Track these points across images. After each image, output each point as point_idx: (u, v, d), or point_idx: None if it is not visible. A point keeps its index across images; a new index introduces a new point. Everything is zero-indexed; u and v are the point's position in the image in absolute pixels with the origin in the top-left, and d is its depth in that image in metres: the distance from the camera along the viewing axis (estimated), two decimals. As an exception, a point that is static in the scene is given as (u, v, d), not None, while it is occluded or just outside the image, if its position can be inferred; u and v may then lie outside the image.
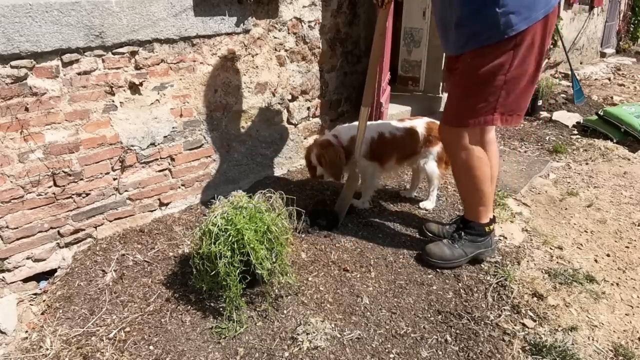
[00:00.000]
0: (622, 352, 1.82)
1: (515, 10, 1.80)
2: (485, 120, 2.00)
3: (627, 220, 2.82)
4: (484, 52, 1.90)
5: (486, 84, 1.93)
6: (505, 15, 1.81)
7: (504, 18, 1.81)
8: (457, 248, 2.21)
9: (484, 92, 1.95)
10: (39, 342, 1.81)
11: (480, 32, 1.88)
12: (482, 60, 1.91)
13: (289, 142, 3.14)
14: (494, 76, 1.91)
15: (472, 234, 2.22)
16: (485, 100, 1.96)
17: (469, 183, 2.14)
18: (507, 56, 1.88)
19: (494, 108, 1.97)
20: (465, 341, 1.82)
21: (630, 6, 9.84)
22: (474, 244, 2.22)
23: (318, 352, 1.74)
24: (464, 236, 2.22)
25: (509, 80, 1.91)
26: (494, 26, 1.84)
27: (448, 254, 2.20)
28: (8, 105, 1.91)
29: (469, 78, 1.97)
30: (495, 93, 1.94)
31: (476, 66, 1.93)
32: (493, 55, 1.89)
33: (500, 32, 1.84)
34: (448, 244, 2.23)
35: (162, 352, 1.74)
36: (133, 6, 2.15)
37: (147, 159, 2.42)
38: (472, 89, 1.97)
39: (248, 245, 1.78)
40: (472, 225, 2.22)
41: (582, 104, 5.23)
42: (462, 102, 2.04)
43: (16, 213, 2.04)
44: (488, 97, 1.95)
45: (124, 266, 2.18)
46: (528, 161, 3.60)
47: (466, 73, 1.98)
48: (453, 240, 2.23)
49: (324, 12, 3.04)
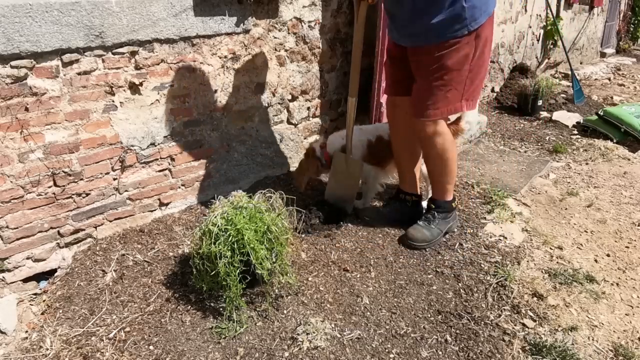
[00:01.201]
0: (622, 352, 1.82)
1: (477, 4, 1.97)
2: (455, 108, 2.19)
3: (627, 220, 2.82)
4: (451, 44, 2.03)
5: (455, 74, 2.09)
6: (471, 9, 1.96)
7: (469, 12, 1.96)
8: (433, 228, 2.38)
9: (453, 82, 2.10)
10: (39, 342, 1.81)
11: (448, 25, 2.00)
12: (449, 52, 2.04)
13: (289, 142, 3.14)
14: (461, 66, 2.07)
15: (443, 211, 2.42)
16: (455, 90, 2.12)
17: (443, 165, 2.33)
18: (470, 47, 2.04)
19: (462, 96, 2.16)
20: (465, 341, 1.82)
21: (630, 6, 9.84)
22: (445, 220, 2.42)
23: (318, 352, 1.74)
24: (437, 215, 2.40)
25: (472, 69, 2.10)
26: (460, 20, 1.98)
27: (428, 235, 2.36)
28: (8, 105, 1.91)
29: (437, 70, 2.10)
30: (462, 82, 2.11)
31: (443, 58, 2.06)
32: (459, 47, 2.03)
33: (465, 26, 1.99)
34: (425, 225, 2.38)
35: (162, 352, 1.74)
36: (133, 6, 2.15)
37: (147, 159, 2.42)
38: (444, 79, 2.11)
39: (248, 245, 1.78)
40: (441, 203, 2.42)
41: (582, 104, 5.24)
42: (432, 92, 2.15)
43: (16, 213, 2.04)
44: (457, 86, 2.12)
45: (124, 266, 2.18)
46: (528, 161, 3.60)
47: (433, 65, 2.10)
48: (428, 222, 2.39)
49: (324, 12, 3.04)
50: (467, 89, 2.14)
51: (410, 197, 2.59)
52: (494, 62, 5.26)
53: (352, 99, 2.48)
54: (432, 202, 2.46)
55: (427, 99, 2.17)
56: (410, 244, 2.35)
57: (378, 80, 3.22)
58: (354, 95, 2.47)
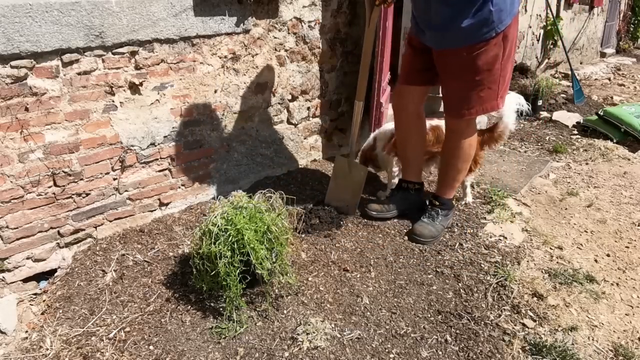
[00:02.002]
0: (622, 352, 1.82)
1: (503, 7, 2.02)
2: (491, 107, 2.25)
3: (627, 220, 2.82)
4: (481, 46, 2.08)
5: (488, 75, 2.14)
6: (498, 12, 2.01)
7: (496, 15, 2.01)
8: (437, 224, 2.47)
9: (486, 81, 2.16)
10: (39, 342, 1.81)
11: (477, 29, 2.04)
12: (478, 54, 2.10)
13: (289, 142, 3.14)
14: (492, 67, 2.12)
15: (446, 208, 2.52)
16: (490, 89, 2.18)
17: (460, 165, 2.43)
18: (498, 48, 2.09)
19: (497, 94, 2.22)
20: (465, 341, 1.82)
21: (630, 6, 9.84)
22: (447, 217, 2.53)
23: (318, 352, 1.74)
24: (440, 212, 2.49)
25: (504, 67, 2.16)
26: (488, 23, 2.02)
27: (434, 231, 2.44)
28: (8, 105, 1.91)
29: (470, 71, 2.15)
30: (496, 81, 2.17)
31: (474, 59, 2.11)
32: (488, 49, 2.08)
33: (493, 28, 2.04)
34: (430, 222, 2.46)
35: (162, 352, 1.74)
36: (133, 6, 2.15)
37: (147, 159, 2.42)
38: (475, 80, 2.16)
39: (248, 245, 1.78)
40: (444, 201, 2.52)
41: (582, 104, 5.23)
42: (467, 93, 2.22)
43: (16, 213, 2.04)
44: (492, 85, 2.18)
45: (124, 266, 2.18)
46: (528, 161, 3.60)
47: (465, 66, 2.15)
48: (432, 218, 2.48)
49: (324, 12, 3.04)
50: (500, 87, 2.21)
51: (413, 185, 2.65)
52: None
53: (360, 103, 2.48)
54: (436, 199, 2.53)
55: (461, 100, 2.24)
56: (419, 240, 2.41)
57: (378, 80, 3.22)
58: (361, 99, 2.47)
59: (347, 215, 2.60)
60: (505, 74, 2.19)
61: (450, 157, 2.46)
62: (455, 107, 2.29)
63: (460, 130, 2.35)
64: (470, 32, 2.04)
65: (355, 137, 2.56)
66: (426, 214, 2.51)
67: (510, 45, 2.14)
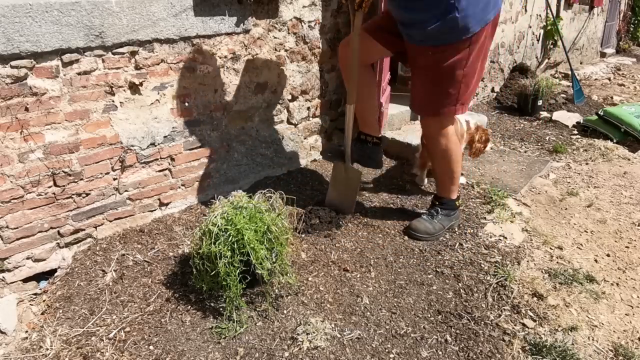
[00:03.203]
0: (622, 352, 1.82)
1: (472, 14, 2.00)
2: (449, 111, 2.27)
3: (627, 220, 2.82)
4: (445, 49, 2.10)
5: (449, 78, 2.16)
6: (464, 19, 1.99)
7: (462, 22, 2.00)
8: (436, 223, 2.47)
9: (447, 85, 2.18)
10: (39, 342, 1.81)
11: (442, 32, 2.05)
12: (443, 56, 2.11)
13: (289, 142, 3.14)
14: (454, 71, 2.13)
15: (447, 208, 2.51)
16: (449, 93, 2.20)
17: (445, 165, 2.43)
18: (463, 53, 2.09)
19: (457, 99, 2.22)
20: (465, 341, 1.82)
21: (630, 6, 9.84)
22: (448, 217, 2.51)
23: (318, 352, 1.74)
24: (440, 212, 2.50)
25: (466, 74, 2.16)
26: (454, 28, 2.02)
27: (431, 228, 2.45)
28: (8, 105, 1.91)
29: (432, 72, 2.18)
30: (456, 87, 2.18)
31: (438, 61, 2.13)
32: (453, 52, 2.09)
33: (458, 34, 2.04)
34: (428, 219, 2.48)
35: (162, 352, 1.74)
36: (133, 6, 2.15)
37: (147, 159, 2.42)
38: (436, 81, 2.20)
39: (248, 245, 1.78)
40: (445, 201, 2.52)
41: (582, 104, 5.23)
42: (428, 92, 2.26)
43: (16, 213, 2.04)
44: (451, 89, 2.19)
45: (124, 266, 2.18)
46: (528, 161, 3.60)
47: (429, 67, 2.18)
48: (432, 217, 2.49)
49: (324, 12, 3.04)
50: (462, 92, 2.21)
51: (371, 138, 2.66)
52: (494, 62, 5.26)
53: (351, 106, 2.48)
54: (437, 199, 2.56)
55: (422, 98, 2.31)
56: (413, 234, 2.45)
57: (378, 80, 3.22)
58: (352, 103, 2.47)
59: (345, 215, 2.60)
60: (468, 80, 2.18)
61: (433, 159, 2.52)
62: (416, 104, 2.36)
63: (431, 132, 2.37)
64: (436, 34, 2.05)
65: (349, 141, 2.56)
66: (426, 212, 2.55)
67: (477, 52, 2.13)
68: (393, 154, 3.48)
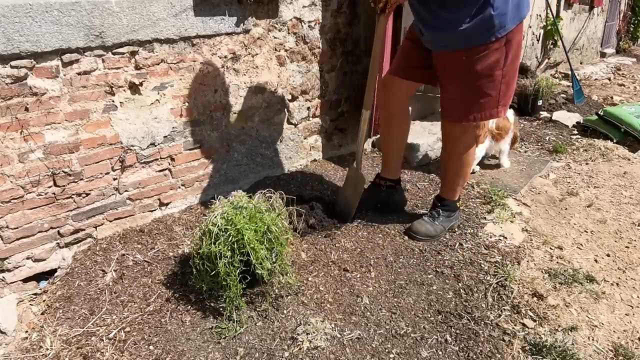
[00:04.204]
0: (622, 352, 1.82)
1: (506, 11, 1.95)
2: (490, 114, 2.19)
3: (627, 220, 2.82)
4: (479, 50, 2.02)
5: (488, 80, 2.08)
6: (499, 16, 1.94)
7: (497, 19, 1.94)
8: (437, 225, 2.45)
9: (487, 87, 2.09)
10: (39, 342, 1.81)
11: (477, 32, 1.98)
12: (479, 58, 2.03)
13: (289, 142, 3.14)
14: (493, 72, 2.06)
15: (448, 210, 2.49)
16: (490, 96, 2.11)
17: (460, 167, 2.40)
18: (500, 53, 2.02)
19: (497, 102, 2.14)
20: (465, 341, 1.82)
21: (630, 6, 9.83)
22: (449, 218, 2.49)
23: (318, 352, 1.74)
24: (442, 213, 2.47)
25: (505, 74, 2.08)
26: (488, 27, 1.96)
27: (432, 230, 2.43)
28: (8, 105, 1.91)
29: (468, 77, 2.10)
30: (496, 88, 2.10)
31: (473, 64, 2.05)
32: (489, 53, 2.02)
33: (494, 32, 1.98)
34: (429, 221, 2.45)
35: (162, 352, 1.74)
36: (133, 6, 2.15)
37: (147, 159, 2.42)
38: (474, 86, 2.10)
39: (248, 245, 1.78)
40: (447, 202, 2.49)
41: (582, 104, 5.23)
42: (465, 98, 2.16)
43: (16, 213, 2.04)
44: (491, 92, 2.11)
45: (124, 266, 2.18)
46: (528, 161, 3.60)
47: (463, 72, 2.10)
48: (433, 218, 2.46)
49: (324, 12, 3.04)
50: (502, 94, 2.13)
51: (385, 182, 2.65)
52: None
53: (367, 112, 2.43)
54: (439, 200, 2.52)
55: (459, 105, 2.19)
56: (414, 236, 2.43)
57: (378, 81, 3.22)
58: (368, 108, 2.42)
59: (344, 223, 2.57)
60: (508, 80, 2.11)
61: (447, 161, 2.44)
62: (452, 112, 2.24)
63: (454, 137, 2.31)
64: (470, 35, 1.99)
65: (361, 147, 2.51)
66: (428, 213, 2.51)
67: (515, 51, 2.06)
68: (393, 154, 3.48)
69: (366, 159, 3.42)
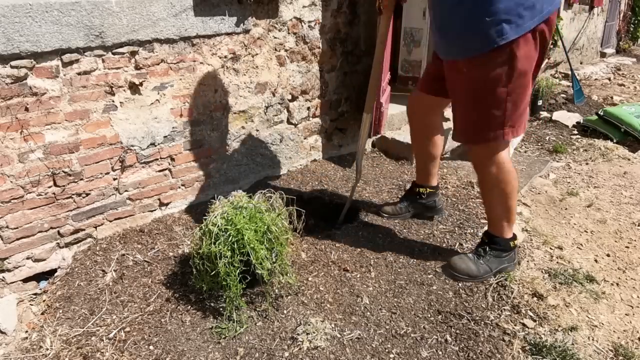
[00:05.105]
0: (622, 352, 1.82)
1: (505, 17, 1.70)
2: (495, 136, 1.91)
3: (627, 220, 2.82)
4: (478, 62, 1.81)
5: (488, 97, 1.85)
6: (496, 24, 1.71)
7: (494, 27, 1.71)
8: (482, 264, 2.12)
9: (489, 105, 1.86)
10: (39, 342, 1.81)
11: (470, 40, 1.79)
12: (477, 71, 1.83)
13: (289, 142, 3.14)
14: (494, 88, 1.82)
15: (497, 249, 2.14)
16: (493, 115, 1.87)
17: (497, 198, 2.06)
18: (503, 68, 1.78)
19: (503, 123, 1.88)
20: (465, 341, 1.82)
21: (630, 6, 9.83)
22: (499, 259, 2.14)
23: (318, 352, 1.74)
24: (489, 251, 2.14)
25: (511, 91, 1.82)
26: (483, 35, 1.74)
27: (474, 269, 2.11)
28: (8, 105, 1.91)
29: (469, 90, 1.91)
30: (501, 107, 1.84)
31: (472, 76, 1.85)
32: (488, 67, 1.80)
33: (488, 42, 1.74)
34: (474, 259, 2.14)
35: (162, 352, 1.74)
36: (133, 6, 2.15)
37: (147, 159, 2.42)
38: (476, 103, 1.90)
39: (248, 245, 1.78)
40: (497, 240, 2.14)
41: (582, 104, 5.23)
42: (467, 116, 1.97)
43: (16, 213, 2.04)
44: (495, 110, 1.86)
45: (124, 266, 2.18)
46: (528, 161, 3.60)
47: (465, 84, 1.91)
48: (478, 256, 2.14)
49: (324, 12, 3.04)
50: (509, 113, 1.86)
51: (425, 189, 2.54)
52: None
53: (368, 115, 2.40)
54: (487, 236, 2.19)
55: (463, 124, 2.01)
56: (452, 273, 2.14)
57: (378, 80, 3.22)
58: (369, 112, 2.40)
59: None
60: (516, 99, 1.84)
61: (483, 192, 2.16)
62: (458, 130, 2.05)
63: (481, 161, 2.04)
64: (465, 43, 1.82)
65: (362, 152, 2.50)
66: (474, 250, 2.21)
67: (523, 66, 1.79)
68: (393, 154, 3.48)
69: (366, 159, 3.42)
